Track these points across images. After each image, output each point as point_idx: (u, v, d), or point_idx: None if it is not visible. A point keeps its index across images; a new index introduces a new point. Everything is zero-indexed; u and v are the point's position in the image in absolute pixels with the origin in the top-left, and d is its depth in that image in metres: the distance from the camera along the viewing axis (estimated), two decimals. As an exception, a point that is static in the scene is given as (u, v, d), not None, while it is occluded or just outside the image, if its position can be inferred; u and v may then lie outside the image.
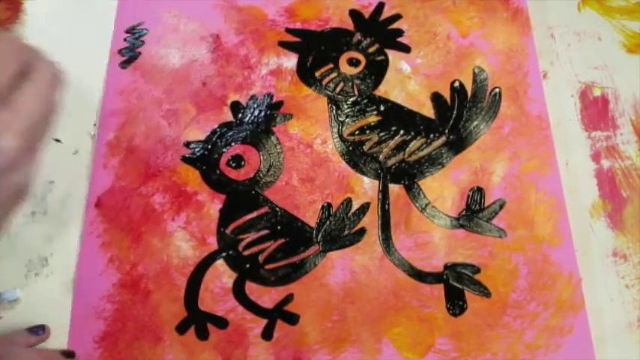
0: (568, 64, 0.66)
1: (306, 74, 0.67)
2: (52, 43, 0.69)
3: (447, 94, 0.65)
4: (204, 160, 0.63)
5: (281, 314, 0.58)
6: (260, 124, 0.64)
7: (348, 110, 0.65)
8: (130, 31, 0.69)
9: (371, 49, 0.67)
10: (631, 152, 0.62)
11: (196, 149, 0.63)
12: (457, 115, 0.64)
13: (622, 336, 0.56)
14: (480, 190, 0.61)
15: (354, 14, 0.69)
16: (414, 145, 0.63)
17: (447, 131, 0.64)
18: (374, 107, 0.65)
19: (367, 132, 0.64)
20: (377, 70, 0.67)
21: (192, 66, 0.68)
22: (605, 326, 0.56)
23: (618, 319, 0.57)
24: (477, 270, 0.58)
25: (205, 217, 0.61)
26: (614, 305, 0.57)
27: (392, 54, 0.67)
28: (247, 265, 0.59)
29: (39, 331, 0.56)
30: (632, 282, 0.58)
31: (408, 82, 0.66)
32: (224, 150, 0.63)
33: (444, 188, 0.62)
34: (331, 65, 0.67)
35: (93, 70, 0.67)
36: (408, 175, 0.62)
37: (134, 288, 0.58)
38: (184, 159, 0.63)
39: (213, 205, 0.61)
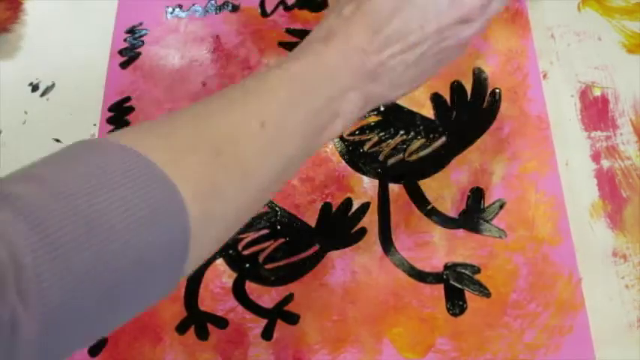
0: (568, 64, 0.66)
1: (306, 75, 0.67)
2: (52, 43, 0.70)
3: (446, 95, 0.65)
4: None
5: (281, 314, 0.58)
6: (260, 124, 0.64)
7: (348, 110, 0.65)
8: (130, 31, 0.69)
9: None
10: (631, 152, 0.62)
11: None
12: (457, 116, 0.64)
13: (622, 336, 0.56)
14: (479, 190, 0.61)
15: (354, 15, 0.69)
16: (414, 145, 0.63)
17: (446, 132, 0.64)
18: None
19: (367, 132, 0.64)
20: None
21: (192, 66, 0.68)
22: (605, 326, 0.56)
23: (618, 319, 0.57)
24: (477, 270, 0.58)
25: (205, 217, 0.61)
26: (614, 305, 0.57)
27: (392, 54, 0.67)
28: (247, 265, 0.59)
29: None
30: (632, 282, 0.58)
31: (407, 83, 0.66)
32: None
33: (443, 188, 0.62)
34: (331, 66, 0.67)
35: (93, 70, 0.67)
36: (408, 175, 0.62)
37: (134, 288, 0.58)
38: (184, 159, 0.63)
39: (213, 205, 0.61)
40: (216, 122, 0.39)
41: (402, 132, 0.64)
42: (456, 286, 0.58)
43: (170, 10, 0.70)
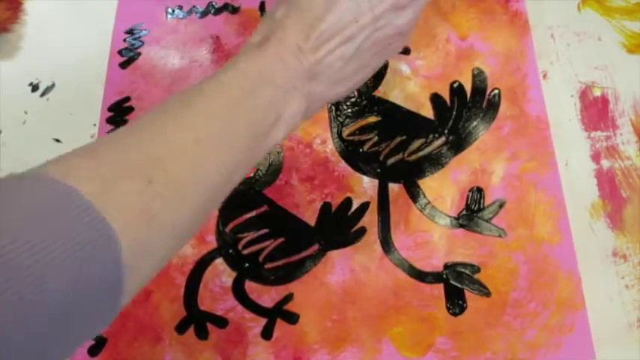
0: (568, 64, 0.66)
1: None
2: (52, 43, 0.70)
3: (446, 95, 0.65)
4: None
5: (281, 313, 0.58)
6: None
7: (348, 111, 0.65)
8: (130, 31, 0.69)
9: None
10: (631, 152, 0.62)
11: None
12: (456, 116, 0.64)
13: (622, 336, 0.56)
14: (479, 190, 0.61)
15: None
16: (413, 145, 0.63)
17: (446, 131, 0.64)
18: (374, 108, 0.65)
19: (367, 132, 0.64)
20: (376, 71, 0.66)
21: (192, 67, 0.68)
22: (605, 326, 0.56)
23: (618, 319, 0.57)
24: (477, 269, 0.58)
25: (205, 216, 0.61)
26: (614, 305, 0.57)
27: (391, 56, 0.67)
28: (247, 264, 0.59)
29: None
30: (632, 282, 0.58)
31: (407, 84, 0.66)
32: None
33: (443, 188, 0.62)
34: (331, 66, 0.67)
35: (93, 71, 0.67)
36: (408, 174, 0.62)
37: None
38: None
39: (212, 204, 0.61)
40: (147, 145, 0.37)
41: (401, 132, 0.64)
42: (456, 285, 0.58)
43: (170, 10, 0.70)
